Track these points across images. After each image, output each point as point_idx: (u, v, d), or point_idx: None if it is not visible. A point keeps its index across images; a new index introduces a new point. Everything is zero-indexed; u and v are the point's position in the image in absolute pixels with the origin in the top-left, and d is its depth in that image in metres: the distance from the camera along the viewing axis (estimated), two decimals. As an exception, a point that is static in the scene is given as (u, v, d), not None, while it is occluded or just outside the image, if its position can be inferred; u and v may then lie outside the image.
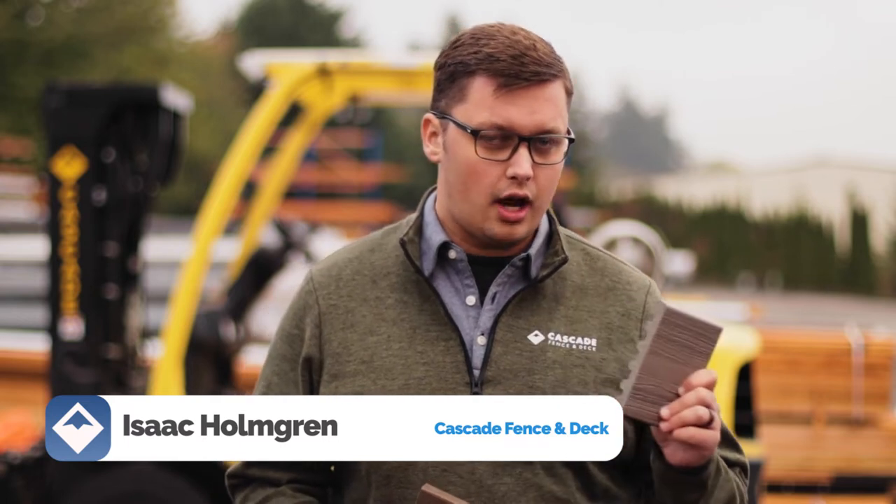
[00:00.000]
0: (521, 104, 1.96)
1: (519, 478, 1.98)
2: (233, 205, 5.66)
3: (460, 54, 2.00)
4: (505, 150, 1.98)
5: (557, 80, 1.99)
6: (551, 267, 2.04)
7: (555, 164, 2.00)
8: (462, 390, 1.99)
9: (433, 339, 2.02)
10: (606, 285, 2.08)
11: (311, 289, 2.10)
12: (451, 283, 2.05)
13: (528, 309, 2.03)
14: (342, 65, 5.70)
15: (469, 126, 1.98)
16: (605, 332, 2.04)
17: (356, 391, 2.01)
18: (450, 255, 2.04)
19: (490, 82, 1.97)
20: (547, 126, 1.97)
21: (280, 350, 2.11)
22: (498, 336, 2.01)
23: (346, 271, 2.09)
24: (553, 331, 2.02)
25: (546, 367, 2.00)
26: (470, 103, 1.98)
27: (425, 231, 2.07)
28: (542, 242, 2.07)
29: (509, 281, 2.04)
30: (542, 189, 2.00)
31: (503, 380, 1.99)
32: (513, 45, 1.97)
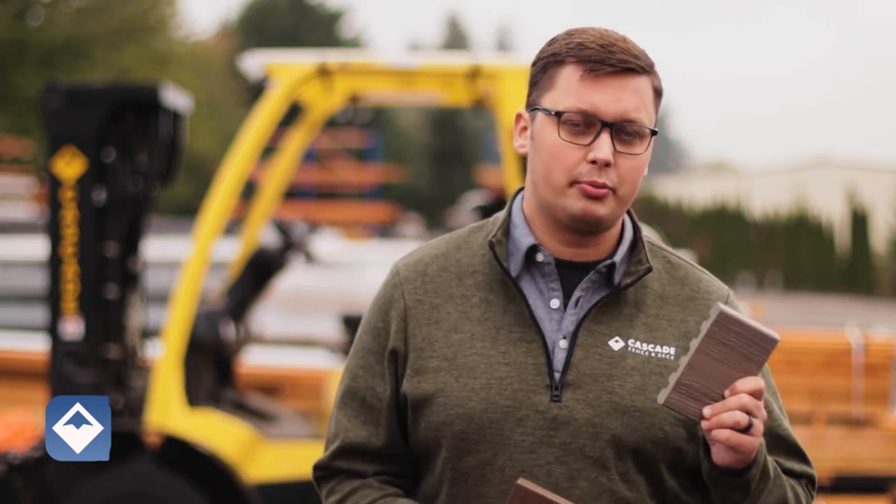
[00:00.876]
0: (606, 91, 2.00)
1: (594, 482, 2.00)
2: (233, 205, 5.66)
3: (553, 48, 2.06)
4: (588, 136, 2.01)
5: (645, 74, 2.03)
6: (635, 275, 2.07)
7: (637, 155, 2.02)
8: (542, 392, 2.02)
9: (516, 340, 2.04)
10: (686, 294, 2.11)
11: (397, 282, 2.13)
12: (537, 286, 2.07)
13: (609, 315, 2.06)
14: (342, 65, 5.70)
15: (553, 109, 2.02)
16: (684, 340, 2.06)
17: (438, 387, 2.04)
18: (537, 259, 2.07)
19: (578, 68, 2.02)
20: (630, 115, 2.01)
21: (366, 343, 2.13)
22: (580, 340, 2.04)
23: (433, 267, 2.12)
24: (633, 338, 2.05)
25: (625, 374, 2.03)
26: (558, 90, 2.04)
27: (513, 232, 2.10)
28: (626, 250, 2.10)
29: (593, 286, 2.07)
30: (624, 179, 2.02)
31: (583, 384, 2.02)
32: (603, 37, 2.03)
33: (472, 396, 2.02)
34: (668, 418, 2.01)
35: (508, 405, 2.01)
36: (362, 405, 2.12)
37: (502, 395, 2.01)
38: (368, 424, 2.11)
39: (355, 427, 2.11)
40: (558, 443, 2.00)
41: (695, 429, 2.02)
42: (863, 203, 34.77)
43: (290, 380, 7.31)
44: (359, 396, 2.12)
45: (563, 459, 2.00)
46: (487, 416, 2.01)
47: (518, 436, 2.00)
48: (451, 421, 2.02)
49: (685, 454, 2.04)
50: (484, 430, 2.01)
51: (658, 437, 2.01)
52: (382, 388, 2.10)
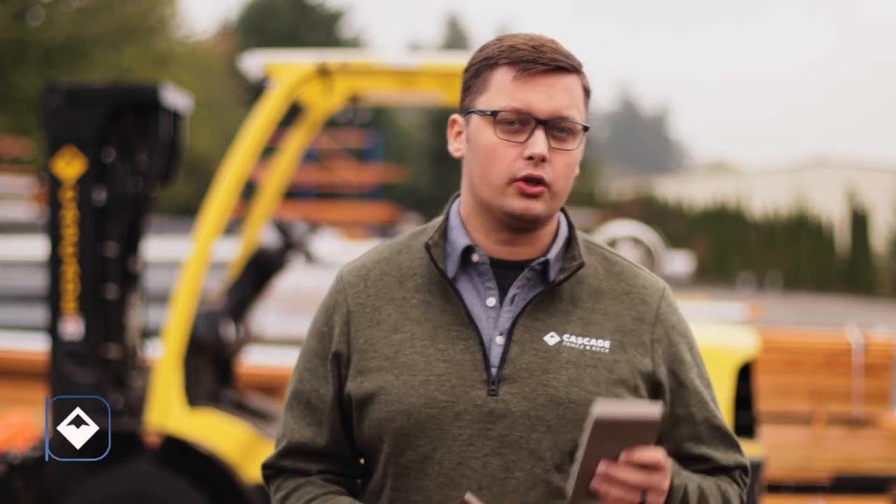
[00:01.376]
0: (538, 89, 2.08)
1: (529, 473, 2.07)
2: (233, 205, 5.65)
3: (485, 52, 2.13)
4: (523, 133, 2.09)
5: (575, 73, 2.11)
6: (568, 271, 2.14)
7: (570, 151, 2.10)
8: (479, 387, 2.09)
9: (454, 338, 2.11)
10: (622, 289, 2.17)
11: (340, 288, 2.21)
12: (473, 285, 2.15)
13: (545, 311, 2.12)
14: (342, 65, 5.70)
15: (489, 109, 2.09)
16: (619, 335, 2.13)
17: (380, 386, 2.11)
18: (473, 259, 2.14)
19: (511, 69, 2.09)
20: (563, 112, 2.09)
21: (311, 347, 2.22)
22: (515, 336, 2.10)
23: (374, 271, 2.20)
24: (568, 332, 2.12)
25: (560, 367, 2.09)
26: (491, 91, 2.11)
27: (450, 234, 2.17)
28: (560, 247, 2.17)
29: (528, 284, 2.13)
30: (559, 174, 2.09)
31: (519, 378, 2.09)
32: (533, 38, 2.11)
33: (412, 393, 2.09)
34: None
35: (447, 400, 2.08)
36: (307, 407, 2.20)
37: (440, 390, 2.09)
38: (313, 425, 2.19)
39: (301, 428, 2.19)
40: (495, 435, 2.07)
41: None
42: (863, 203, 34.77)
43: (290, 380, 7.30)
44: (304, 398, 2.20)
45: (499, 451, 2.07)
46: (426, 411, 2.08)
47: (456, 429, 2.07)
48: (391, 417, 2.10)
49: None
50: (423, 425, 2.08)
51: None
52: (326, 390, 2.18)
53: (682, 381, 2.16)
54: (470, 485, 2.06)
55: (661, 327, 2.16)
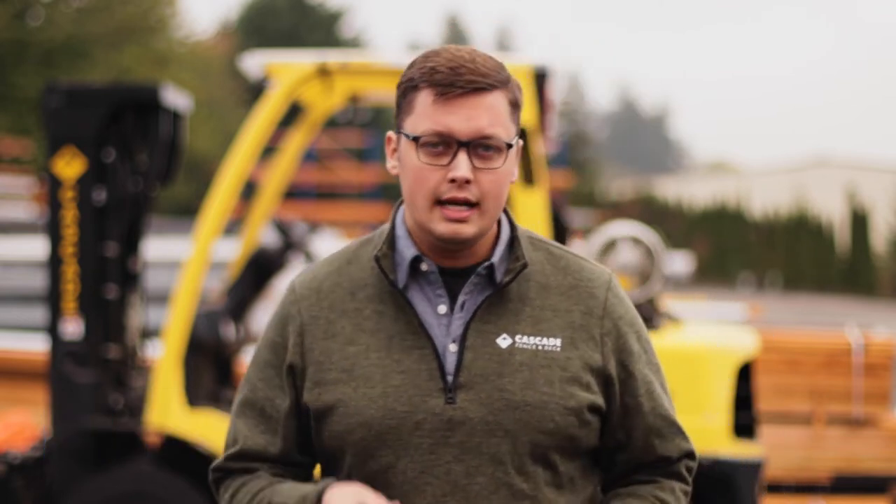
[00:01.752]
0: (458, 112, 2.09)
1: (491, 478, 2.11)
2: (233, 205, 5.65)
3: (410, 73, 2.14)
4: (446, 156, 2.10)
5: (496, 90, 2.11)
6: (513, 272, 2.16)
7: (496, 169, 2.11)
8: (437, 396, 2.11)
9: (408, 348, 2.14)
10: (569, 283, 2.20)
11: (293, 299, 2.23)
12: (424, 294, 2.17)
13: (495, 313, 2.15)
14: (342, 65, 5.70)
15: (412, 134, 2.11)
16: (569, 331, 2.16)
17: (337, 398, 2.14)
18: (422, 268, 2.16)
19: (430, 92, 2.10)
20: (485, 132, 2.09)
21: (264, 357, 2.23)
22: (468, 342, 2.13)
23: (326, 283, 2.22)
24: (520, 333, 2.15)
25: (514, 371, 2.12)
26: (415, 114, 2.12)
27: (397, 244, 2.19)
28: (504, 249, 2.19)
29: (476, 289, 2.16)
30: (486, 192, 2.11)
31: (475, 384, 2.11)
32: (453, 59, 2.10)
33: (371, 405, 2.11)
34: (557, 409, 2.11)
35: (405, 410, 2.10)
36: (261, 415, 2.21)
37: (399, 401, 2.11)
38: (267, 433, 2.20)
39: (254, 435, 2.21)
40: (455, 442, 2.10)
41: (585, 415, 2.13)
42: (863, 203, 34.76)
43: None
44: (258, 407, 2.21)
45: (460, 458, 2.10)
46: (386, 422, 2.10)
47: (417, 439, 2.10)
48: (351, 429, 2.12)
49: (578, 440, 2.14)
50: (384, 436, 2.10)
51: (550, 428, 2.11)
52: (281, 400, 2.19)
53: (631, 371, 2.19)
54: (434, 492, 2.09)
55: (609, 320, 2.18)
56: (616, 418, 2.18)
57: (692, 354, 5.33)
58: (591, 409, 2.14)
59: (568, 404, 2.11)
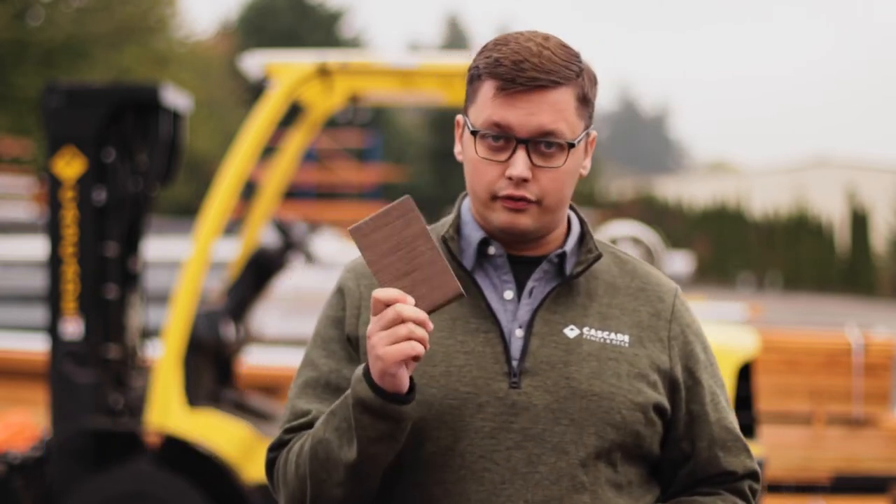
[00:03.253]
0: (519, 107, 2.03)
1: (553, 467, 2.04)
2: (233, 205, 5.65)
3: (478, 59, 2.09)
4: (505, 152, 2.05)
5: (561, 86, 2.04)
6: (585, 264, 2.12)
7: (557, 168, 2.06)
8: (501, 380, 2.05)
9: (473, 331, 2.08)
10: (637, 286, 2.17)
11: (352, 276, 2.17)
12: (490, 279, 2.12)
13: (563, 304, 2.11)
14: (342, 65, 5.70)
15: (471, 126, 2.08)
16: (636, 329, 2.12)
17: None
18: (489, 252, 2.13)
19: (493, 85, 2.05)
20: (545, 129, 2.04)
21: (326, 334, 2.16)
22: (535, 329, 2.08)
23: None
24: (587, 326, 2.10)
25: (581, 360, 2.07)
26: (478, 104, 2.08)
27: (463, 229, 2.15)
28: (575, 241, 2.16)
29: (545, 277, 2.12)
30: (546, 191, 2.06)
31: (540, 371, 2.06)
32: (519, 52, 2.04)
33: (432, 384, 2.04)
34: (625, 402, 2.06)
35: (468, 391, 2.04)
36: (326, 388, 2.11)
37: (461, 381, 2.05)
38: (331, 403, 2.09)
39: (318, 407, 2.10)
40: (518, 428, 2.04)
41: (651, 413, 2.08)
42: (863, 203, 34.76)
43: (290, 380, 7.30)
44: (321, 382, 2.12)
45: (522, 444, 2.04)
46: (447, 402, 2.03)
47: (478, 421, 2.04)
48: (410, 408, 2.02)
49: (642, 440, 2.09)
50: (444, 417, 2.04)
51: (616, 421, 2.05)
52: (349, 370, 2.10)
53: (698, 378, 2.15)
54: (492, 478, 2.03)
55: (677, 325, 2.15)
56: (681, 427, 2.13)
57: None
58: (656, 408, 2.09)
59: (636, 399, 2.06)
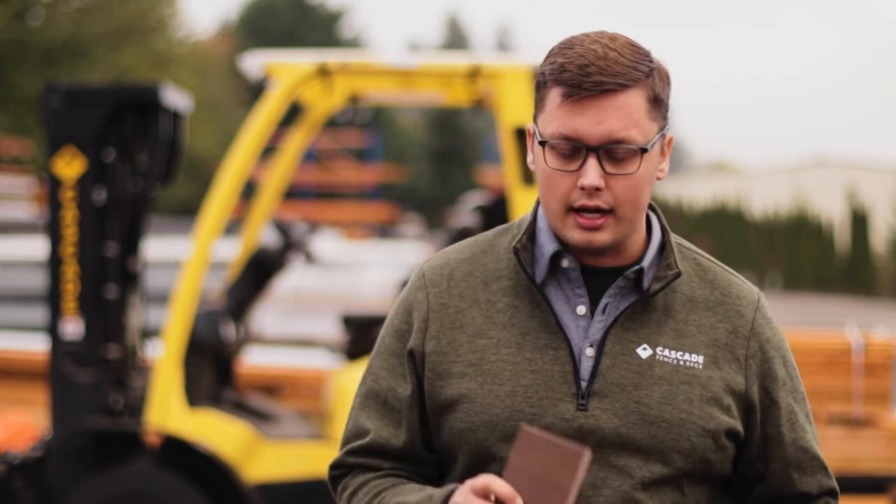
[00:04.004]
0: (587, 114, 1.95)
1: (617, 491, 1.98)
2: (233, 205, 5.65)
3: (544, 65, 2.01)
4: (576, 161, 1.97)
5: (630, 89, 1.95)
6: (664, 281, 2.04)
7: (631, 175, 1.96)
8: (568, 401, 1.99)
9: (542, 347, 2.01)
10: (716, 299, 2.08)
11: (421, 285, 2.10)
12: (563, 292, 2.04)
13: (638, 321, 2.02)
14: (342, 65, 5.70)
15: (539, 137, 2.00)
16: (713, 349, 2.03)
17: (462, 393, 2.01)
18: (562, 265, 2.03)
19: (559, 92, 1.97)
20: (616, 136, 1.95)
21: (389, 345, 2.11)
22: (607, 348, 2.00)
23: (458, 272, 2.09)
24: (661, 345, 2.02)
25: (653, 383, 1.99)
26: (546, 113, 2.00)
27: (538, 237, 2.06)
28: (654, 254, 2.06)
29: (621, 293, 2.03)
30: (621, 199, 1.97)
31: (610, 393, 1.99)
32: (584, 55, 1.95)
33: (497, 403, 1.98)
34: (695, 429, 1.99)
35: (534, 413, 1.98)
36: (384, 406, 2.08)
37: (527, 402, 1.98)
38: (390, 426, 2.07)
39: (377, 428, 2.08)
40: None
41: (723, 440, 2.01)
42: (863, 203, 34.76)
43: (290, 380, 7.31)
44: (381, 398, 2.09)
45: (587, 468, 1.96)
46: (512, 423, 1.97)
47: None
48: (475, 428, 2.00)
49: (712, 465, 2.02)
50: (508, 438, 1.97)
51: (685, 448, 1.99)
52: (403, 389, 2.07)
53: (775, 399, 2.06)
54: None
55: (756, 341, 2.06)
56: (756, 449, 2.06)
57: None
58: (728, 434, 2.01)
59: (707, 426, 1.99)
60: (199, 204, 6.35)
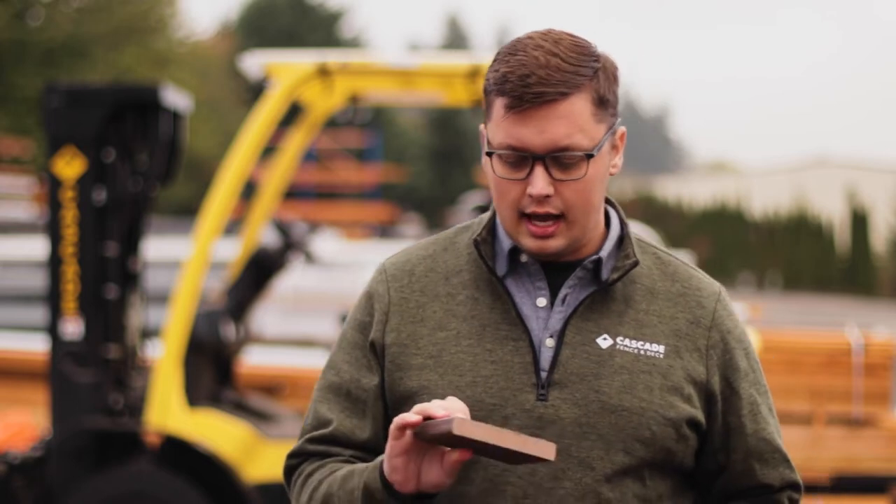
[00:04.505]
0: (530, 124, 1.95)
1: (578, 483, 1.98)
2: (233, 205, 5.65)
3: (490, 71, 2.01)
4: (523, 169, 1.98)
5: (573, 95, 1.96)
6: (622, 270, 2.04)
7: (579, 179, 1.98)
8: (528, 391, 1.99)
9: (502, 338, 2.02)
10: (677, 290, 2.08)
11: (382, 279, 2.11)
12: (523, 285, 2.05)
13: (597, 311, 2.03)
14: (342, 65, 5.70)
15: (486, 147, 2.01)
16: (673, 339, 2.04)
17: (422, 385, 2.02)
18: (521, 259, 2.05)
19: (502, 103, 1.97)
20: (561, 144, 1.96)
21: (351, 338, 2.11)
22: (567, 339, 2.01)
23: (420, 267, 2.10)
24: (622, 335, 2.02)
25: (613, 372, 2.00)
26: (492, 122, 2.00)
27: (498, 231, 2.07)
28: (613, 245, 2.07)
29: (580, 283, 2.04)
30: (570, 203, 1.98)
31: (570, 383, 1.99)
32: (526, 64, 1.95)
33: (457, 394, 1.98)
34: (656, 417, 1.99)
35: (494, 403, 1.98)
36: (347, 398, 2.07)
37: (488, 392, 1.99)
38: (353, 417, 2.06)
39: (340, 419, 2.07)
40: None
41: (684, 429, 2.01)
42: (863, 203, 34.76)
43: (290, 380, 7.31)
44: (343, 391, 2.08)
45: None
46: (473, 414, 1.96)
47: None
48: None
49: (673, 455, 2.02)
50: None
51: (646, 437, 1.99)
52: (369, 380, 2.06)
53: (736, 389, 2.06)
54: (515, 492, 1.96)
55: (717, 332, 2.07)
56: (717, 439, 2.06)
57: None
58: (690, 423, 2.02)
59: (667, 414, 1.99)
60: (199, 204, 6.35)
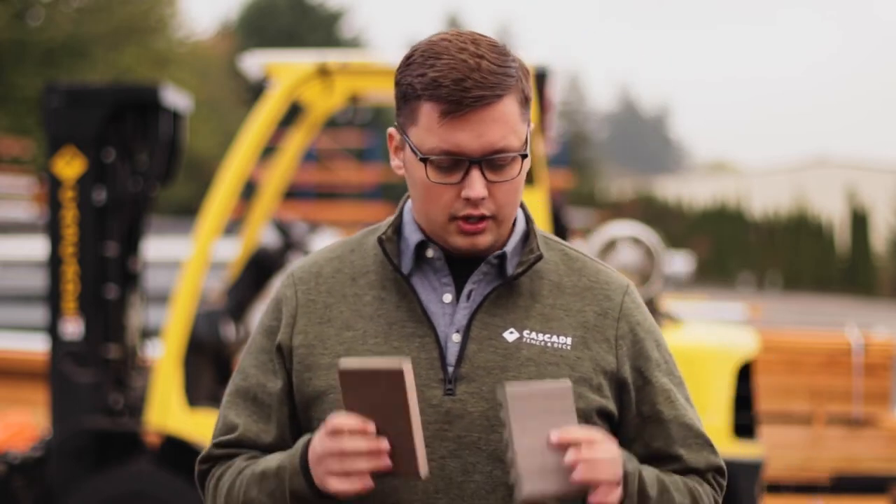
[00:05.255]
0: (467, 128, 1.96)
1: (489, 476, 1.99)
2: (233, 205, 5.66)
3: (410, 75, 1.99)
4: (457, 173, 1.99)
5: (505, 96, 1.98)
6: (526, 264, 2.05)
7: (512, 180, 2.00)
8: (436, 386, 2.00)
9: (409, 336, 2.03)
10: (584, 284, 2.09)
11: (290, 283, 2.13)
12: (429, 282, 2.06)
13: (503, 306, 2.04)
14: (342, 65, 5.70)
15: (419, 152, 2.00)
16: (581, 330, 2.05)
17: (330, 384, 2.02)
18: (427, 255, 2.06)
19: (435, 108, 1.96)
20: (497, 146, 1.97)
21: (259, 343, 2.13)
22: (473, 333, 2.02)
23: (327, 269, 2.12)
24: (528, 328, 2.03)
25: (520, 365, 2.01)
26: (420, 127, 1.99)
27: (403, 230, 2.08)
28: (518, 241, 2.08)
29: (485, 278, 2.06)
30: (502, 204, 2.01)
31: (477, 377, 2.01)
32: (457, 68, 1.95)
33: None
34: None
35: None
36: (254, 402, 2.09)
37: None
38: (259, 422, 2.08)
39: (246, 423, 2.08)
40: (452, 436, 1.99)
41: (594, 419, 2.01)
42: (863, 203, 34.78)
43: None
44: (250, 395, 2.10)
45: (457, 453, 1.99)
46: None
47: None
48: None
49: None
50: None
51: None
52: (273, 384, 2.08)
53: (649, 378, 2.06)
54: (426, 488, 1.98)
55: (626, 322, 2.07)
56: (632, 430, 2.06)
57: (692, 354, 5.33)
58: (600, 413, 2.02)
59: (577, 405, 1.97)
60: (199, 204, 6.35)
